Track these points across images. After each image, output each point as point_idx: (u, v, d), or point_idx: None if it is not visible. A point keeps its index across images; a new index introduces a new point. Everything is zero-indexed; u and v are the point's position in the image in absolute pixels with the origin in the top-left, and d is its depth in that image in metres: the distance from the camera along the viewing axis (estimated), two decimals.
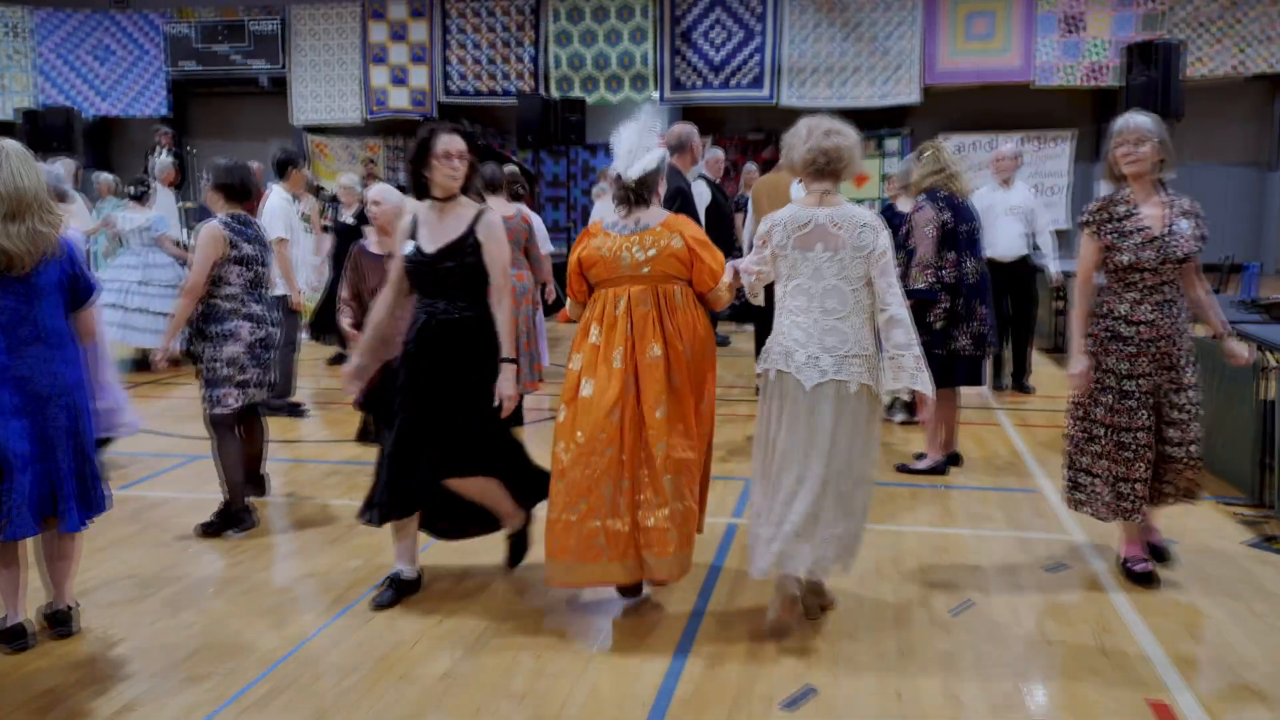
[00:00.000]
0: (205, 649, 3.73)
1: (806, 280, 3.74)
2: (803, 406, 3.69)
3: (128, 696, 3.36)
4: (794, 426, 3.71)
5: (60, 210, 3.77)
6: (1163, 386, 4.11)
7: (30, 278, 3.57)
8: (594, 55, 14.79)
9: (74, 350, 3.73)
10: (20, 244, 3.47)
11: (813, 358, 3.68)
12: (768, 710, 3.27)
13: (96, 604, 4.12)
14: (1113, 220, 4.12)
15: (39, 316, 3.60)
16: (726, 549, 4.73)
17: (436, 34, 15.31)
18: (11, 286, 3.53)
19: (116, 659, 3.64)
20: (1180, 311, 4.11)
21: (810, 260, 3.73)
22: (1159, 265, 4.03)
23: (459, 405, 3.92)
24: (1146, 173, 4.09)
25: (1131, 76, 7.14)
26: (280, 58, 15.79)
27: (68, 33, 16.03)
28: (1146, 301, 4.08)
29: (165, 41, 15.93)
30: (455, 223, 3.93)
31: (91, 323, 3.86)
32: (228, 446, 5.01)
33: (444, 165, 3.89)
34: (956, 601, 4.11)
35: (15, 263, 3.49)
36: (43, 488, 3.62)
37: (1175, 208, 4.09)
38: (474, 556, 4.64)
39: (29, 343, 3.58)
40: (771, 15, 14.19)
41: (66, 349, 3.69)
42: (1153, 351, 4.09)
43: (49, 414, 3.61)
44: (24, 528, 3.57)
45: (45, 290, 3.62)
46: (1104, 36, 13.16)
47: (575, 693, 3.38)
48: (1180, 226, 4.04)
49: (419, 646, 3.73)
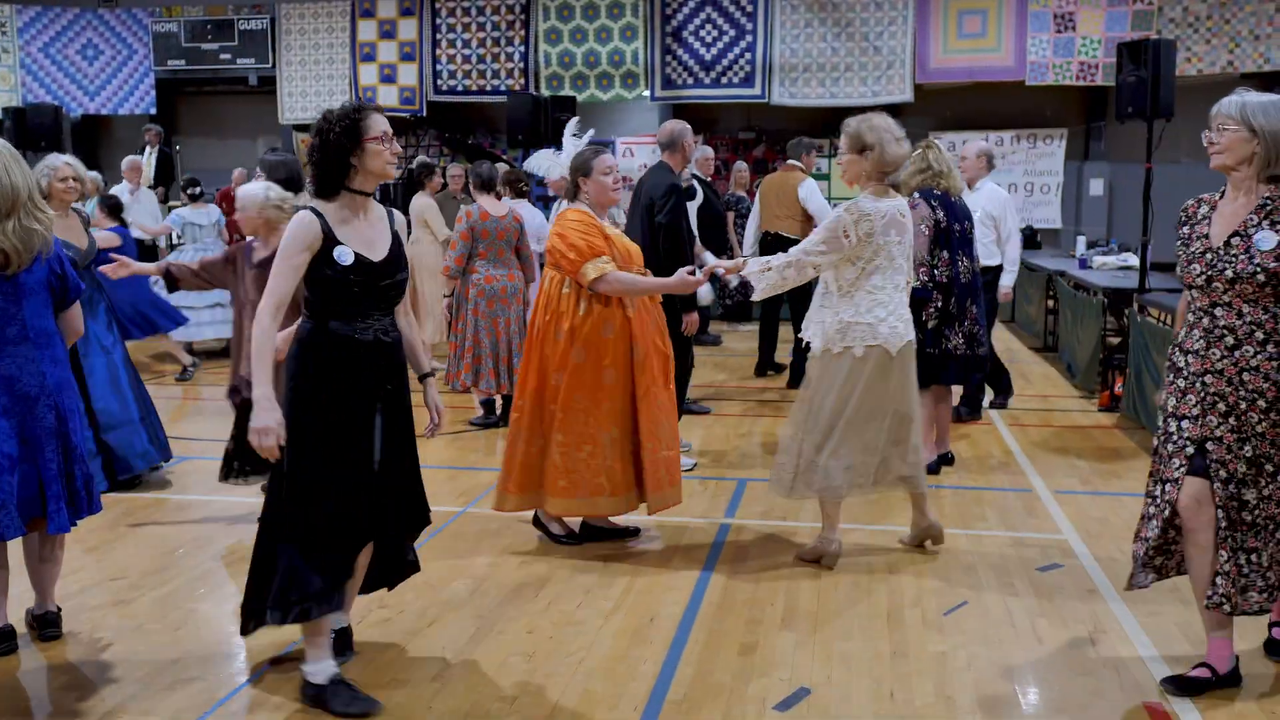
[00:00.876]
0: (193, 652, 3.69)
1: (885, 263, 4.32)
2: (894, 367, 4.35)
3: (115, 700, 3.32)
4: (881, 386, 4.34)
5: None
6: (1225, 440, 3.24)
7: (17, 277, 3.53)
8: (584, 53, 14.75)
9: (60, 350, 3.70)
10: (14, 242, 3.44)
11: (893, 328, 4.32)
12: (761, 711, 3.25)
13: (84, 607, 4.07)
14: (1189, 223, 3.40)
15: (25, 316, 3.56)
16: (719, 550, 4.70)
17: (426, 32, 15.25)
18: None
19: (103, 662, 3.60)
20: (1252, 348, 3.21)
21: (890, 246, 4.31)
22: (1207, 284, 3.26)
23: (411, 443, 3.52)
24: (1232, 166, 3.28)
25: (1123, 75, 7.12)
26: (269, 56, 15.71)
27: (55, 31, 15.93)
28: (1198, 327, 3.30)
29: (152, 39, 15.84)
30: (380, 224, 3.36)
31: (76, 322, 3.83)
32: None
33: (385, 149, 3.24)
34: (950, 602, 4.09)
35: (11, 261, 3.46)
36: (28, 489, 3.58)
37: (1265, 213, 3.23)
38: (464, 558, 4.61)
39: (15, 342, 3.54)
40: (763, 13, 14.17)
41: (53, 349, 3.65)
42: (1201, 391, 3.29)
43: (35, 414, 3.57)
44: (10, 529, 3.53)
45: (32, 290, 3.59)
46: (1096, 35, 13.16)
47: (567, 694, 3.36)
48: (1259, 238, 3.19)
49: (409, 648, 3.70)
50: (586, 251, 4.43)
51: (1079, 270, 9.21)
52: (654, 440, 4.58)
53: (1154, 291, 7.37)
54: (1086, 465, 6.04)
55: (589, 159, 4.62)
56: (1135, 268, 8.07)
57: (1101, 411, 7.39)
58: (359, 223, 3.29)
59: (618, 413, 4.55)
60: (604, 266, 4.42)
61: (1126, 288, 7.65)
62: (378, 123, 3.24)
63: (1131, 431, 6.80)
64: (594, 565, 4.51)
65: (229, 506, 5.30)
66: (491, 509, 4.83)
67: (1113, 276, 8.51)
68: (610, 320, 4.51)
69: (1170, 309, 6.77)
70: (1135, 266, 8.14)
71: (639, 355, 4.54)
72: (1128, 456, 6.25)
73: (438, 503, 5.37)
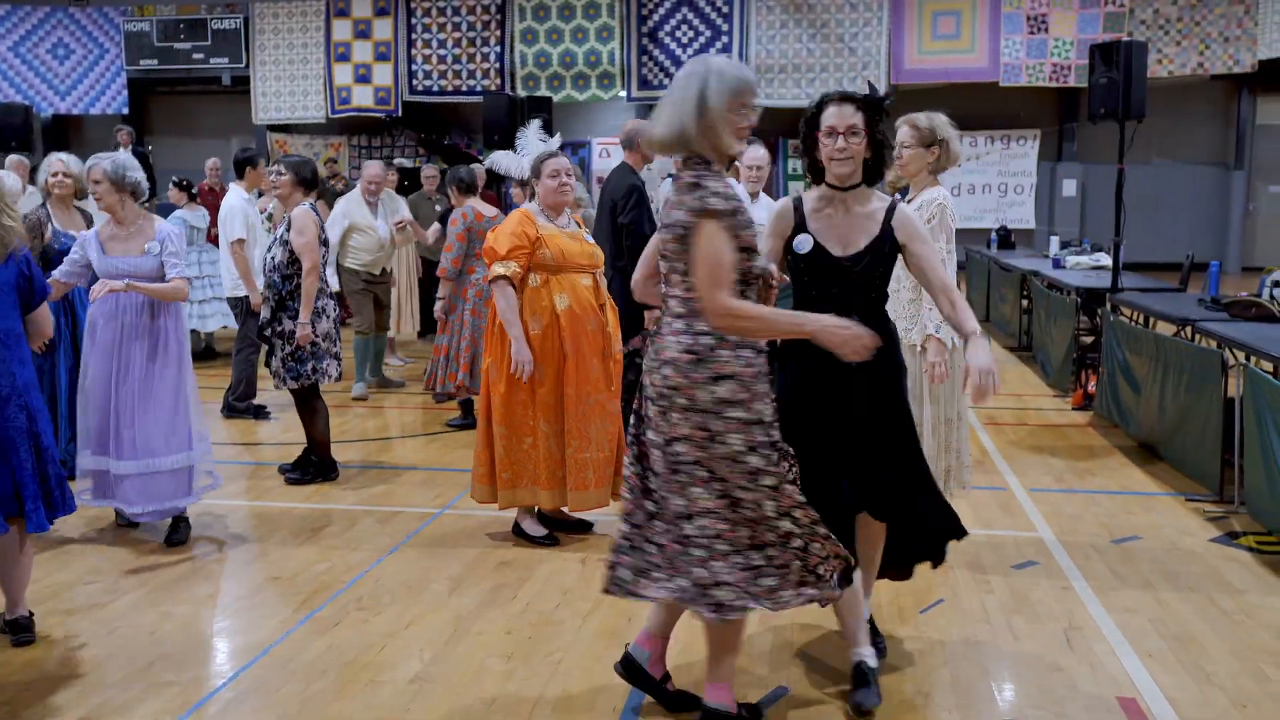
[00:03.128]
0: (170, 654, 3.66)
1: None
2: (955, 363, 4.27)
3: (91, 704, 3.29)
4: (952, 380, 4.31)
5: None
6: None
7: None
8: (560, 53, 14.74)
9: (26, 351, 3.68)
10: None
11: (938, 323, 4.18)
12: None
13: (59, 609, 4.03)
14: None
15: None
16: None
17: (401, 32, 15.19)
18: None
19: (79, 666, 3.56)
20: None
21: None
22: None
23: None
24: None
25: (1095, 76, 7.19)
26: (242, 55, 15.61)
27: (25, 30, 15.76)
28: None
29: (124, 38, 15.70)
30: (867, 221, 3.21)
31: (45, 324, 3.81)
32: (322, 410, 5.75)
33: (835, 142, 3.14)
34: (926, 600, 4.11)
35: None
36: (3, 488, 3.56)
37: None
38: (441, 560, 4.60)
39: None
40: (738, 14, 14.21)
41: (19, 349, 3.64)
42: None
43: (6, 415, 3.54)
44: None
45: (0, 290, 3.56)
46: (1068, 36, 13.29)
47: (546, 695, 3.35)
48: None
49: (387, 650, 3.68)
50: (500, 253, 4.55)
51: (1052, 270, 9.28)
52: (580, 440, 4.63)
53: (1127, 291, 7.44)
54: (1061, 463, 6.09)
55: (540, 160, 4.71)
56: (1108, 267, 8.14)
57: (1075, 410, 7.45)
58: (842, 216, 3.23)
59: (550, 408, 4.62)
60: (504, 271, 4.53)
61: (1099, 287, 7.72)
62: (832, 113, 3.15)
63: (1105, 430, 6.86)
64: (572, 567, 4.51)
65: (202, 510, 5.25)
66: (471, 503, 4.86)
67: (1085, 276, 8.58)
68: (538, 316, 4.59)
69: (1143, 308, 6.84)
70: (1108, 266, 8.22)
71: (570, 352, 4.60)
72: (1101, 455, 6.30)
73: (414, 504, 5.38)
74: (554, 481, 4.66)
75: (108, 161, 4.60)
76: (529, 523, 4.81)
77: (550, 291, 4.58)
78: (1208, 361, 5.33)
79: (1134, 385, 6.38)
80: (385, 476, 5.91)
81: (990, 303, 11.57)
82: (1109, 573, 4.38)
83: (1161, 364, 5.90)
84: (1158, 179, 15.18)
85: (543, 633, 3.82)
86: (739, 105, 2.89)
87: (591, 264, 4.72)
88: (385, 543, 4.77)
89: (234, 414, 7.28)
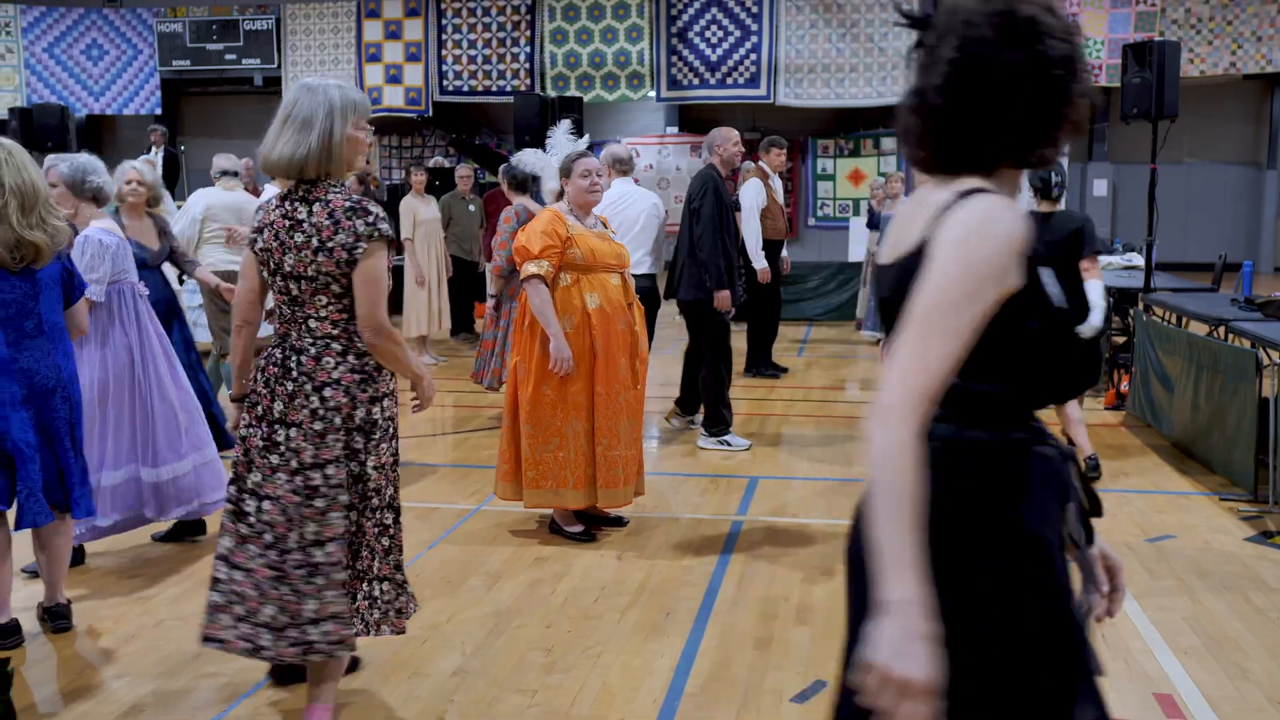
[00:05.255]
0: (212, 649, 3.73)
1: None
2: None
3: (140, 693, 3.37)
4: None
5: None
6: None
7: (36, 272, 3.60)
8: (589, 54, 14.80)
9: (69, 344, 3.79)
10: (44, 236, 3.51)
11: None
12: (778, 704, 3.30)
13: (105, 601, 4.12)
14: None
15: (40, 311, 3.64)
16: (732, 546, 4.75)
17: (432, 32, 15.29)
18: (14, 281, 3.55)
19: (127, 657, 3.65)
20: None
21: None
22: None
23: None
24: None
25: (1127, 76, 7.17)
26: (274, 56, 15.76)
27: (60, 31, 15.97)
28: None
29: (157, 39, 15.88)
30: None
31: (81, 318, 3.91)
32: None
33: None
34: None
35: (42, 255, 3.54)
36: (47, 477, 3.65)
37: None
38: (478, 556, 4.66)
39: (31, 336, 3.61)
40: (768, 14, 14.22)
41: (64, 343, 3.75)
42: None
43: (51, 405, 3.65)
44: (41, 515, 3.60)
45: (46, 285, 3.67)
46: (1099, 36, 13.22)
47: (586, 687, 3.40)
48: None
49: (428, 643, 3.74)
50: (533, 251, 4.61)
51: None
52: (610, 438, 4.69)
53: (1159, 291, 7.41)
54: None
55: (571, 161, 4.77)
56: (1140, 267, 8.11)
57: (1108, 410, 7.44)
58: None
59: (581, 407, 4.67)
60: (537, 270, 4.59)
61: (1132, 287, 7.70)
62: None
63: (1137, 429, 6.85)
64: (608, 562, 4.56)
65: None
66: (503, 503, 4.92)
67: (1118, 276, 8.55)
68: (569, 315, 4.64)
69: (1175, 308, 6.81)
70: (1140, 266, 8.18)
71: (600, 351, 4.64)
72: (1134, 454, 6.29)
73: (450, 500, 5.45)
74: (583, 480, 4.71)
75: (66, 165, 4.28)
76: (565, 519, 4.87)
77: (580, 291, 4.63)
78: (1242, 361, 5.31)
79: (1167, 385, 6.37)
80: (421, 473, 5.98)
81: None
82: (1144, 571, 4.38)
83: (1195, 364, 5.89)
84: (1190, 179, 15.08)
85: (582, 626, 3.87)
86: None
87: (620, 263, 4.77)
88: (423, 538, 4.84)
89: None
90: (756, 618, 3.95)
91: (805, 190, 15.86)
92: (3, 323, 3.53)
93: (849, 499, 5.43)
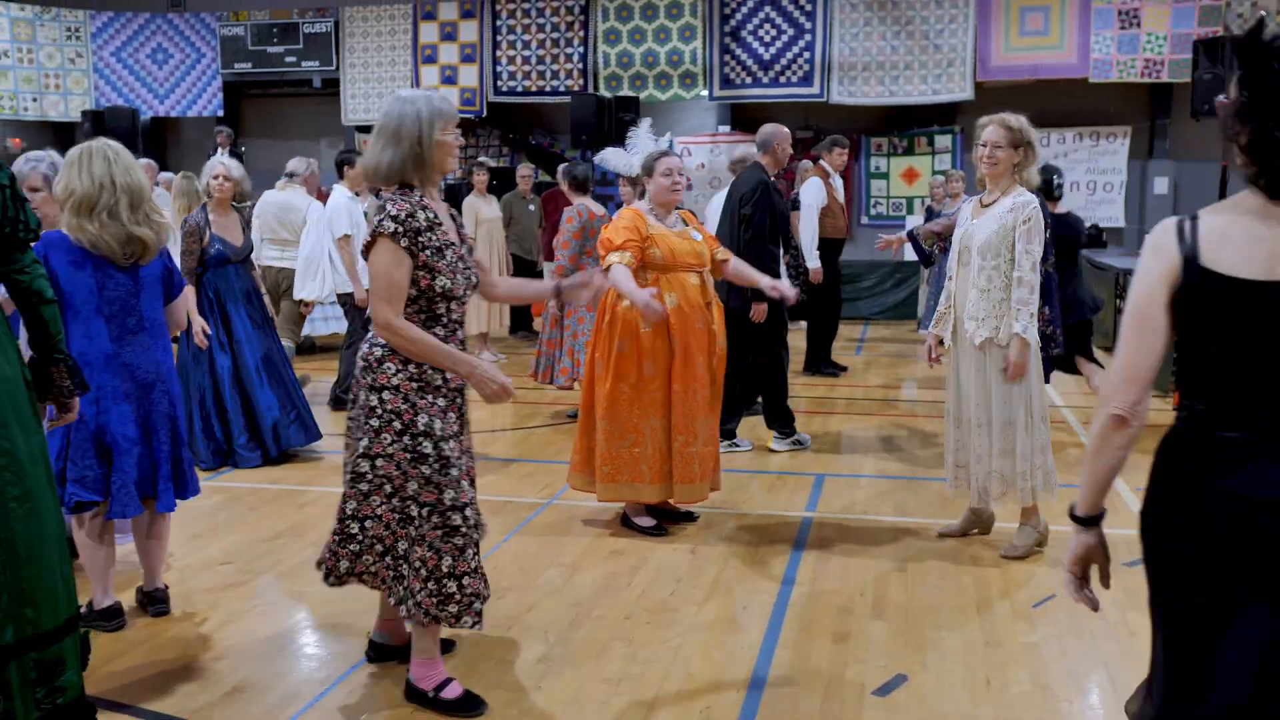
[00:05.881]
0: (308, 630, 3.85)
1: None
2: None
3: (240, 675, 3.48)
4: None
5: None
6: None
7: (139, 270, 3.73)
8: (643, 53, 14.86)
9: (168, 340, 3.91)
10: (151, 232, 3.64)
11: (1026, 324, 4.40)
12: (860, 696, 3.34)
13: (201, 587, 4.25)
14: None
15: (142, 307, 3.77)
16: (803, 542, 4.79)
17: (486, 34, 15.44)
18: (119, 278, 3.69)
19: (224, 640, 3.77)
20: None
21: None
22: None
23: None
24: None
25: (1199, 72, 7.10)
26: (332, 58, 15.99)
27: (127, 36, 16.33)
28: None
29: (219, 43, 16.18)
30: None
31: (179, 314, 4.04)
32: None
33: None
34: (1037, 595, 4.14)
35: (148, 251, 3.67)
36: (142, 470, 3.79)
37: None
38: (553, 549, 4.74)
39: (134, 332, 3.74)
40: (822, 12, 14.19)
41: (164, 338, 3.88)
42: None
43: (152, 399, 3.78)
44: (131, 506, 3.74)
45: (148, 282, 3.80)
46: (1161, 31, 13.05)
47: (670, 677, 3.47)
48: None
49: (512, 631, 3.82)
50: (615, 243, 4.67)
51: None
52: (687, 435, 4.75)
53: None
54: None
55: (653, 160, 4.81)
56: None
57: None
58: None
59: (658, 404, 4.72)
60: (619, 260, 4.62)
61: None
62: None
63: None
64: (682, 556, 4.62)
65: (321, 497, 5.47)
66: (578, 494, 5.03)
67: None
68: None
69: None
70: None
71: (679, 349, 4.69)
72: None
73: (522, 494, 5.54)
74: (658, 476, 4.77)
75: (46, 164, 3.98)
76: (637, 513, 4.93)
77: (660, 290, 4.67)
78: None
79: None
80: (492, 467, 6.07)
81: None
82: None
83: None
84: None
85: (660, 619, 3.94)
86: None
87: (699, 263, 4.82)
88: (499, 530, 4.92)
89: (340, 406, 7.53)
90: (833, 612, 3.99)
91: (859, 189, 15.80)
92: (108, 318, 3.66)
93: (917, 497, 5.46)
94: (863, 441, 6.70)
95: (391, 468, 3.13)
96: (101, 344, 3.65)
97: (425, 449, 3.11)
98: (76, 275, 3.58)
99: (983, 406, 4.48)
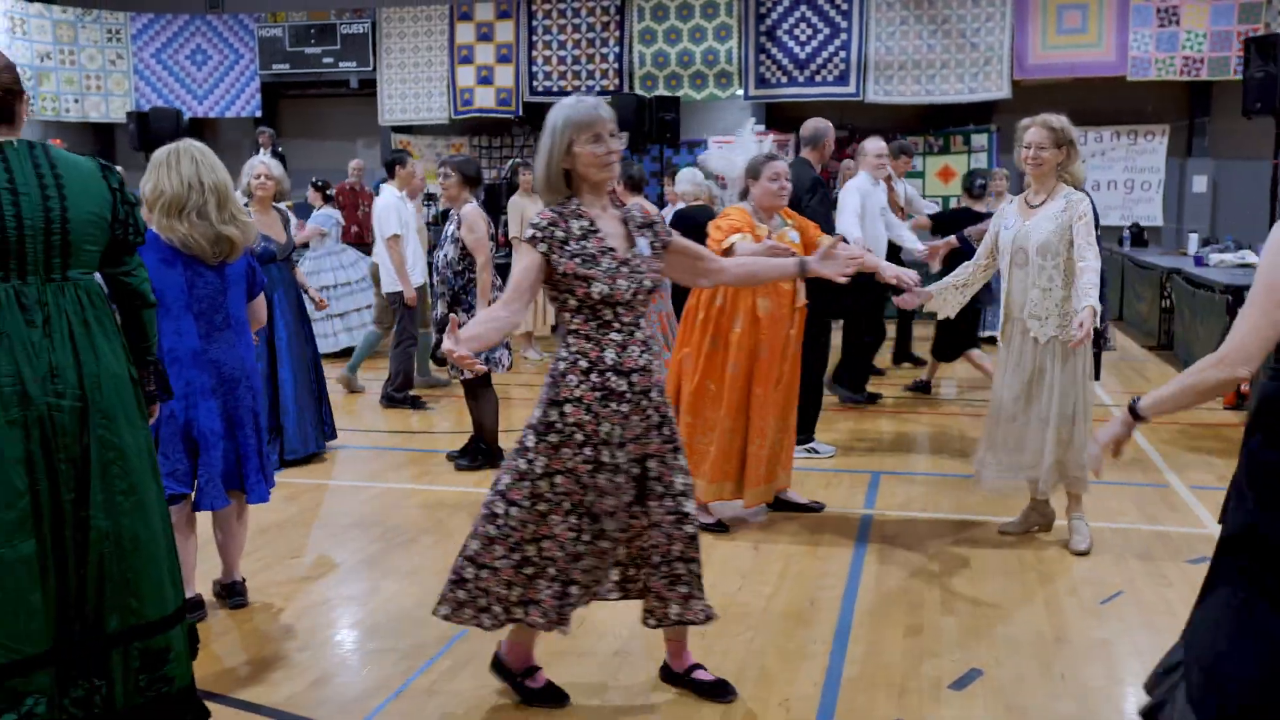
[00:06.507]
0: (384, 624, 3.91)
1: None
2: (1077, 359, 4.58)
3: (321, 668, 3.55)
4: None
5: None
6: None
7: (225, 268, 3.81)
8: (678, 53, 14.89)
9: (249, 337, 3.99)
10: (237, 231, 3.72)
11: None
12: (937, 690, 3.37)
13: (274, 581, 4.33)
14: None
15: (227, 305, 3.84)
16: (865, 538, 4.82)
17: (522, 34, 15.52)
18: (208, 276, 3.76)
19: (302, 633, 3.84)
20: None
21: None
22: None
23: None
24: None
25: (1250, 70, 7.07)
26: (369, 59, 16.11)
27: (167, 37, 16.52)
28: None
29: (258, 44, 16.34)
30: None
31: (261, 312, 4.12)
32: (492, 399, 5.98)
33: None
34: (1104, 591, 4.16)
35: (235, 249, 3.75)
36: (227, 464, 3.87)
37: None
38: None
39: (220, 329, 3.82)
40: (858, 11, 14.18)
41: (246, 335, 3.96)
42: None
43: (236, 395, 3.85)
44: (218, 499, 3.82)
45: (233, 280, 3.87)
46: (1200, 28, 12.97)
47: (746, 671, 3.51)
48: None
49: (585, 625, 3.87)
50: (723, 229, 4.63)
51: (1195, 268, 9.12)
52: (760, 437, 4.80)
53: None
54: (1221, 462, 6.03)
55: (760, 163, 4.79)
56: (1254, 265, 7.98)
57: (1228, 410, 7.34)
58: None
59: (737, 405, 4.76)
60: (739, 239, 4.56)
61: (1248, 285, 7.57)
62: None
63: None
64: (745, 551, 4.66)
65: (382, 494, 5.54)
66: None
67: (1232, 274, 8.42)
68: (740, 315, 4.69)
69: None
70: (1254, 264, 8.06)
71: (764, 354, 4.72)
72: None
73: None
74: (730, 474, 4.81)
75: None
76: (701, 510, 4.96)
77: (754, 293, 4.69)
78: None
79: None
80: None
81: (1124, 300, 11.37)
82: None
83: None
84: None
85: (730, 613, 3.97)
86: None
87: None
88: None
89: (393, 404, 7.61)
90: (903, 607, 4.02)
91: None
92: (197, 315, 3.74)
93: (974, 494, 5.46)
94: (915, 439, 6.72)
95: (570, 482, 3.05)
96: (190, 341, 3.73)
97: (604, 458, 3.05)
98: (167, 274, 3.66)
99: (1046, 403, 4.50)
